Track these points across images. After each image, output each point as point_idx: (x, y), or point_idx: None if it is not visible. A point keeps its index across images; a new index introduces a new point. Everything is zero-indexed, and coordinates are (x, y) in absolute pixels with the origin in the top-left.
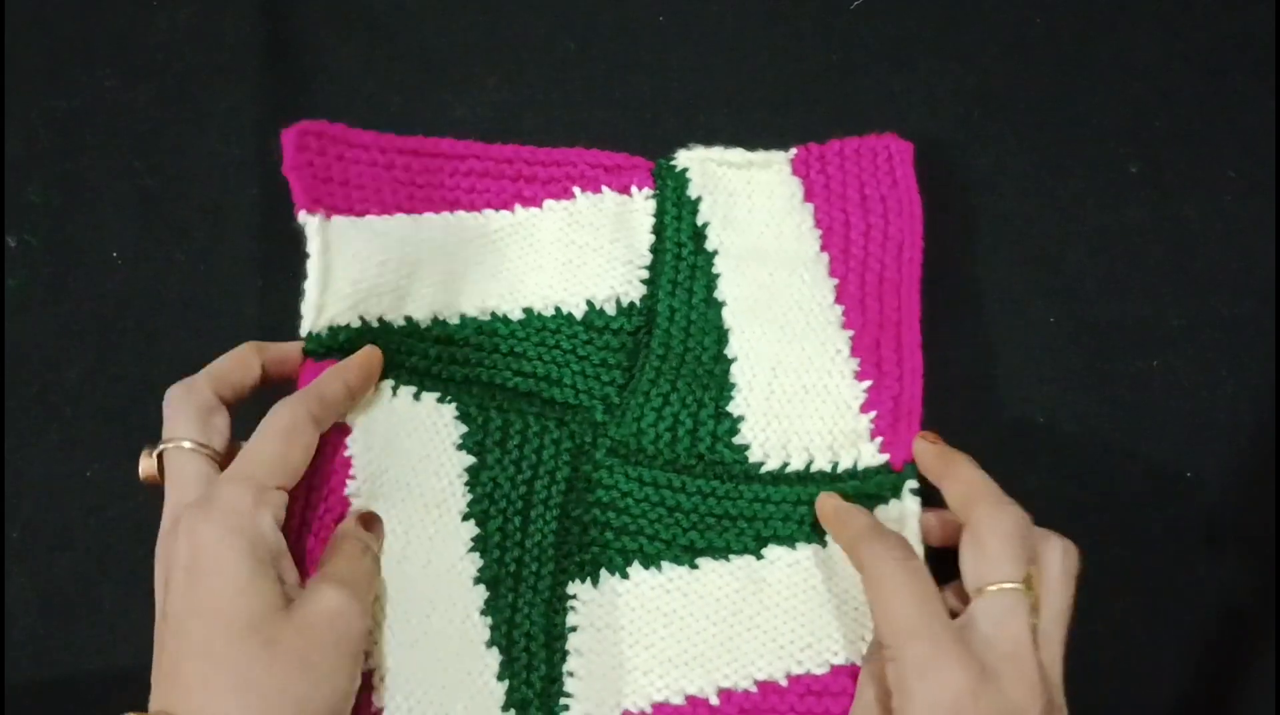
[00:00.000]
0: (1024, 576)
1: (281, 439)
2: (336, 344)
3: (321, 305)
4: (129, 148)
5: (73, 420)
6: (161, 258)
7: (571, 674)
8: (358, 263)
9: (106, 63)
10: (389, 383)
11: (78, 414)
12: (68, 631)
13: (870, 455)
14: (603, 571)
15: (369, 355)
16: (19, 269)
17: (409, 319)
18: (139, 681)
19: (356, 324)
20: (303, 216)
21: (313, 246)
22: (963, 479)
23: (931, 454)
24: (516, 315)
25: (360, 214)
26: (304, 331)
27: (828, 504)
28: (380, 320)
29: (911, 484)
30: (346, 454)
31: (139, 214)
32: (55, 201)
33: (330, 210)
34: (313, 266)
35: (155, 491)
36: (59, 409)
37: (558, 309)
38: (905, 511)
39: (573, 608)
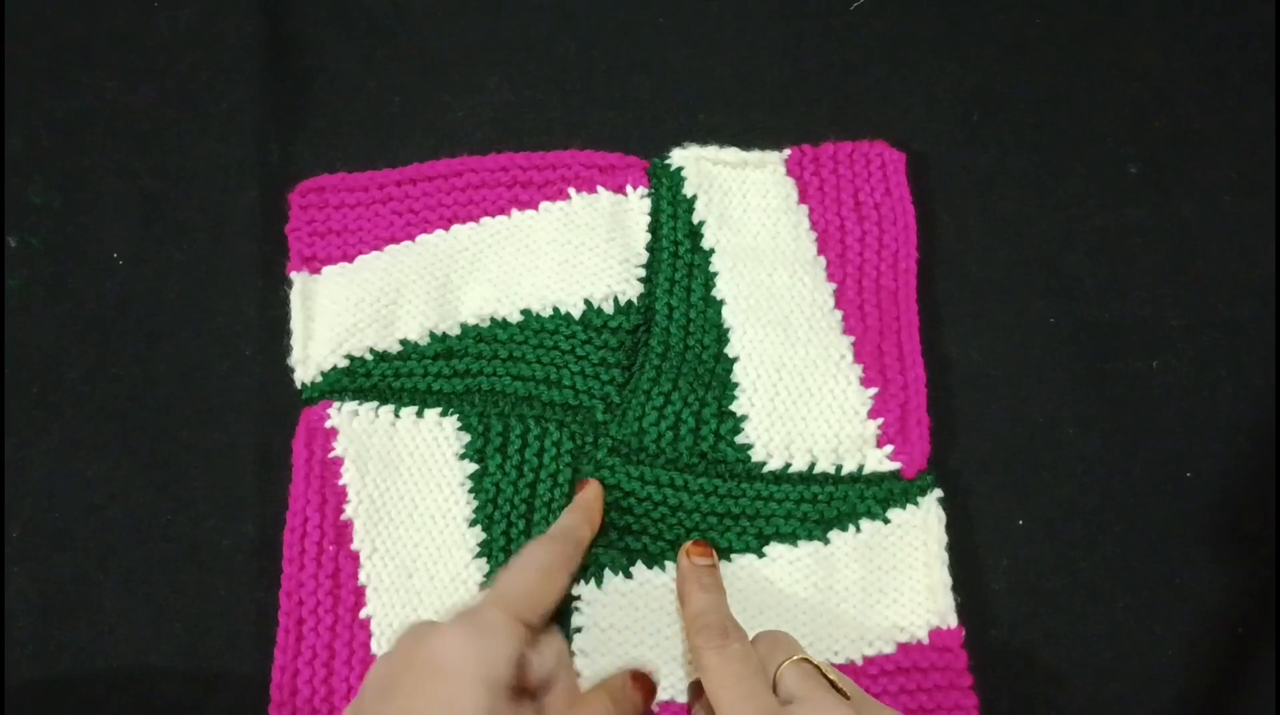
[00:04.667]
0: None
1: (540, 576)
2: (329, 386)
3: (305, 357)
4: (129, 148)
5: (73, 420)
6: (161, 258)
7: (577, 674)
8: (335, 307)
9: (107, 64)
10: (389, 408)
11: (78, 414)
12: (68, 631)
13: (877, 461)
14: (606, 572)
15: (595, 490)
16: (19, 269)
17: (405, 342)
18: (139, 681)
19: (344, 364)
20: (293, 275)
21: (294, 304)
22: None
23: (680, 572)
24: (515, 318)
25: (351, 258)
26: (297, 384)
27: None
28: (372, 351)
29: (936, 493)
30: (340, 483)
31: (139, 214)
32: (55, 202)
33: (321, 263)
34: (295, 323)
35: (155, 491)
36: (59, 409)
37: (555, 309)
38: (928, 519)
39: (577, 608)
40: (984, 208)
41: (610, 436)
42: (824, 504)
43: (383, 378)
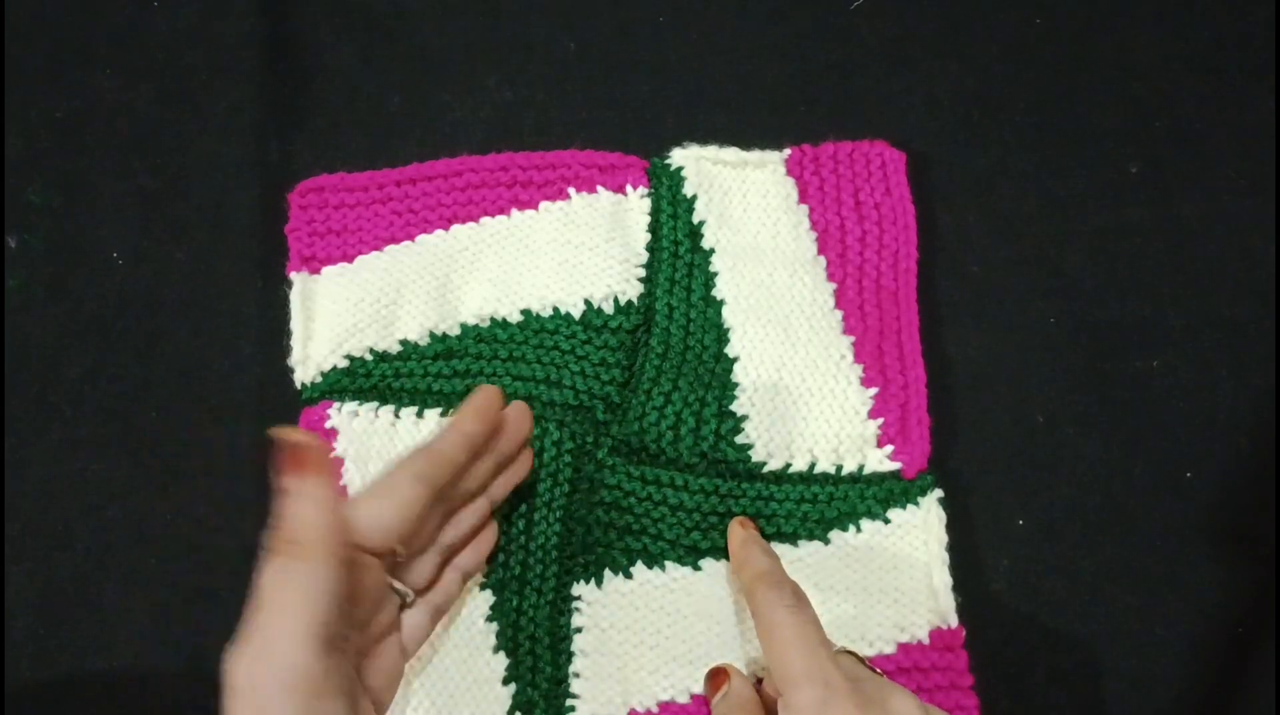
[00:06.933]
0: None
1: (381, 500)
2: (329, 387)
3: (305, 358)
4: (129, 148)
5: (73, 420)
6: (161, 258)
7: (577, 675)
8: (334, 307)
9: (107, 63)
10: (389, 409)
11: (78, 414)
12: (68, 631)
13: (877, 461)
14: (606, 572)
15: (485, 395)
16: (19, 269)
17: (405, 342)
18: (139, 681)
19: (343, 364)
20: (292, 275)
21: (294, 304)
22: (753, 569)
23: (737, 540)
24: (515, 318)
25: (351, 258)
26: (297, 385)
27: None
28: (372, 351)
29: (937, 493)
30: (340, 483)
31: (139, 214)
32: (55, 201)
33: (321, 263)
34: (294, 323)
35: (155, 491)
36: (59, 409)
37: (555, 309)
38: (929, 519)
39: (577, 609)
40: (984, 208)
41: (611, 436)
42: (824, 504)
43: (383, 378)
